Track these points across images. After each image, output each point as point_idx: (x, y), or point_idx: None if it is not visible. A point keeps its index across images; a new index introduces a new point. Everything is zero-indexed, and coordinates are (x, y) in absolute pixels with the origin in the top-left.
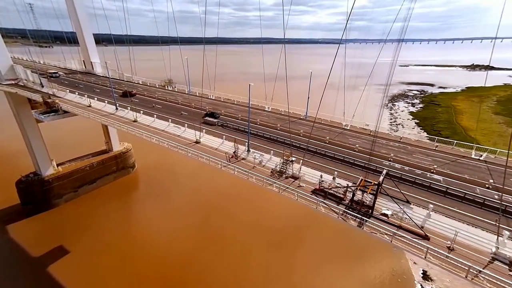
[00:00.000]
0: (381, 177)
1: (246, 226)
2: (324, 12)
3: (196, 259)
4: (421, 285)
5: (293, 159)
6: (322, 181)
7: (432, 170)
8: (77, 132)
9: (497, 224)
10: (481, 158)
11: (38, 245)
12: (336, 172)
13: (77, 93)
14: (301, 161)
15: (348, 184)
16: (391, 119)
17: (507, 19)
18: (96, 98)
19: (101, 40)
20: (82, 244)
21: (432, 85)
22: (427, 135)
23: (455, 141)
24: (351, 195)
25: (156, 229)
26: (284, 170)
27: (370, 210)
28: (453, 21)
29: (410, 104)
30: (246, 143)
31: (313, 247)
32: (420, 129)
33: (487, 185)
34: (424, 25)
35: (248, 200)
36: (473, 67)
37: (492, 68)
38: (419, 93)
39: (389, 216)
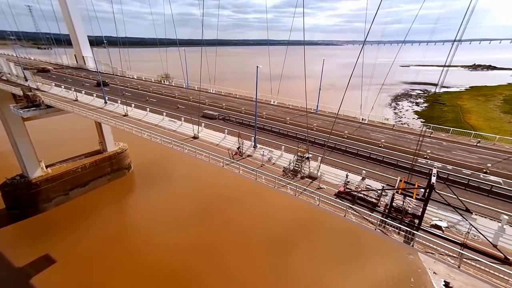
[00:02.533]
0: (433, 178)
1: (245, 230)
2: (323, 14)
3: (193, 266)
4: None
5: (309, 155)
6: (348, 182)
7: (484, 170)
8: (69, 132)
9: None
10: None
11: (22, 254)
12: (364, 172)
13: (63, 86)
14: (319, 158)
15: (383, 186)
16: (395, 118)
17: (504, 21)
18: (83, 92)
19: (95, 42)
20: (71, 253)
21: (435, 84)
22: None
23: (498, 136)
24: (387, 200)
25: (151, 235)
26: (299, 169)
27: (418, 220)
28: (452, 22)
29: (414, 104)
30: (253, 138)
31: (317, 254)
32: (428, 128)
33: None
34: (423, 27)
35: (247, 203)
36: (475, 67)
37: (494, 68)
38: (422, 92)
39: (443, 228)
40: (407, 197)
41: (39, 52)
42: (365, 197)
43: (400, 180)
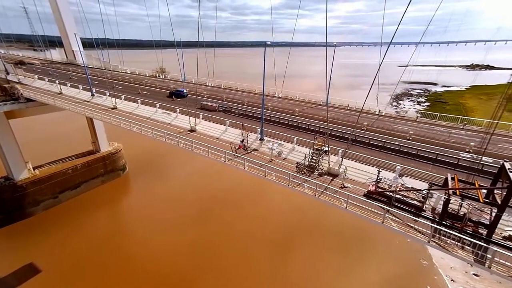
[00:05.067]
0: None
1: (245, 235)
2: (320, 15)
3: (190, 272)
4: None
5: (327, 148)
6: (380, 179)
7: None
8: (61, 132)
9: None
10: None
11: (5, 262)
12: (399, 167)
13: (47, 79)
14: (340, 151)
15: (430, 186)
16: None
17: (499, 23)
18: (69, 85)
19: (88, 44)
20: (58, 262)
21: (435, 84)
22: None
23: None
24: (433, 203)
25: (146, 240)
26: (316, 164)
27: (488, 231)
28: (448, 24)
29: (415, 103)
30: (259, 130)
31: (321, 260)
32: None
33: None
34: (421, 28)
35: (248, 205)
36: (473, 67)
37: (493, 67)
38: (422, 91)
39: None
40: (466, 200)
41: (35, 53)
42: (405, 199)
43: (453, 178)
